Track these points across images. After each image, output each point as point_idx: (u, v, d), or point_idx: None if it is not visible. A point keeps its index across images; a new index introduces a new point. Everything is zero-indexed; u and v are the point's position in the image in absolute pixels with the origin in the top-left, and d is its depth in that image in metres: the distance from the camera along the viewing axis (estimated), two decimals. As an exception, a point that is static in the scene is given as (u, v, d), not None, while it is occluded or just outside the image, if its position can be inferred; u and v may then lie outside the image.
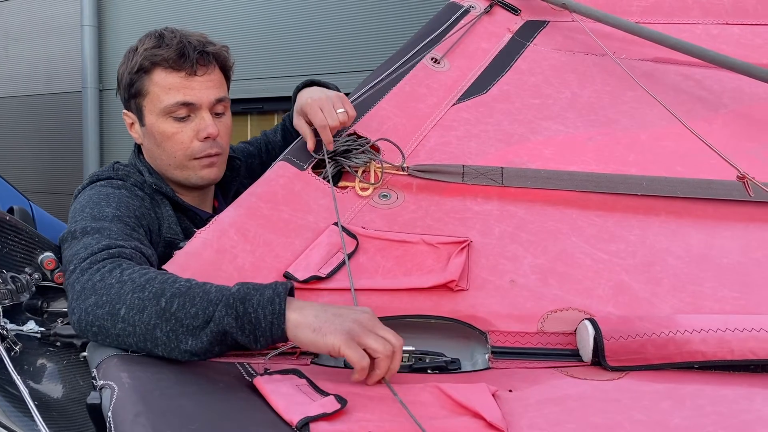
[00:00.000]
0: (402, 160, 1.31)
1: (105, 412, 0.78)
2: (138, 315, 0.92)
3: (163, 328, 0.91)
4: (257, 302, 0.91)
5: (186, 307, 0.91)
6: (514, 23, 1.75)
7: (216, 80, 1.34)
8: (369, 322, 0.91)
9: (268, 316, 0.90)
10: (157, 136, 1.32)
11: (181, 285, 0.94)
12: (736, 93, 1.57)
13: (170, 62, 1.28)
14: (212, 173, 1.37)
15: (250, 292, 0.92)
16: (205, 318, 0.90)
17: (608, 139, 1.44)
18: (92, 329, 0.95)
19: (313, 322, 0.90)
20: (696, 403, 0.87)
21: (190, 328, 0.90)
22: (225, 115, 1.38)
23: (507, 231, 1.23)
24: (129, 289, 0.94)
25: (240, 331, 0.90)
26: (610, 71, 1.63)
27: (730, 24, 1.76)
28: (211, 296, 0.92)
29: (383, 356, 0.88)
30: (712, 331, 0.97)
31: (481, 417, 0.79)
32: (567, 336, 1.07)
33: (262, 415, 0.81)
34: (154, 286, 0.94)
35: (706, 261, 1.19)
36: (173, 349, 0.91)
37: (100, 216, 1.13)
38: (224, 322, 0.90)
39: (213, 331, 0.90)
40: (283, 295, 0.92)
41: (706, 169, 1.36)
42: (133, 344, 0.93)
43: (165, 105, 1.29)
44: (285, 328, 0.90)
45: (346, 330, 0.89)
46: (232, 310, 0.90)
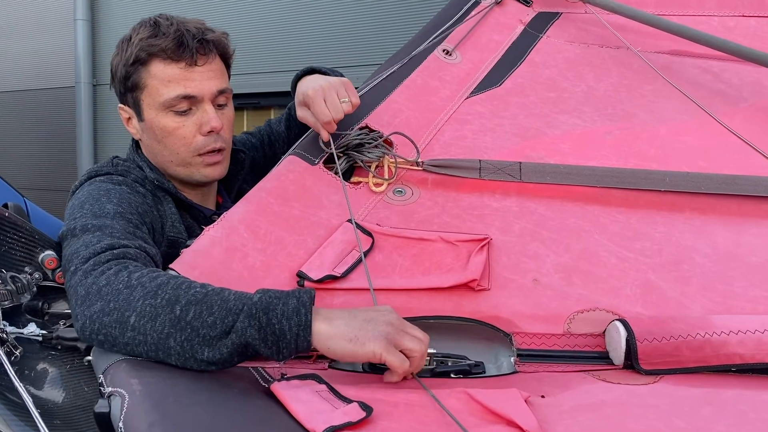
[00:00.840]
0: (416, 155, 1.27)
1: (115, 421, 0.73)
2: (150, 323, 0.86)
3: (177, 338, 0.85)
4: (281, 312, 0.85)
5: (203, 315, 0.85)
6: (525, 14, 1.71)
7: (217, 70, 1.26)
8: (398, 322, 0.89)
9: (294, 327, 0.85)
10: (158, 132, 1.25)
11: (196, 291, 0.88)
12: (756, 86, 1.53)
13: (168, 52, 1.20)
14: (216, 171, 1.30)
15: (273, 301, 0.86)
16: (224, 328, 0.85)
17: (627, 134, 1.40)
18: (98, 337, 0.88)
19: (347, 332, 0.86)
20: (738, 410, 0.83)
21: (207, 339, 0.85)
22: (227, 106, 1.31)
23: (527, 228, 1.18)
24: (140, 295, 0.88)
25: (263, 343, 0.85)
26: (627, 64, 1.59)
27: (747, 16, 1.72)
28: (230, 305, 0.86)
29: (419, 355, 0.87)
30: (750, 333, 0.93)
31: (516, 425, 0.75)
32: (595, 338, 1.02)
33: (282, 423, 0.76)
34: (167, 292, 0.88)
35: (734, 259, 1.15)
36: (188, 359, 0.85)
37: (100, 213, 1.06)
38: (247, 333, 0.84)
39: (234, 343, 0.84)
40: (308, 305, 0.87)
41: (729, 164, 1.32)
42: (144, 353, 0.87)
43: (165, 99, 1.21)
44: (311, 340, 0.86)
45: (383, 335, 0.86)
46: (255, 321, 0.85)
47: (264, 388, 0.86)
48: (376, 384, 0.91)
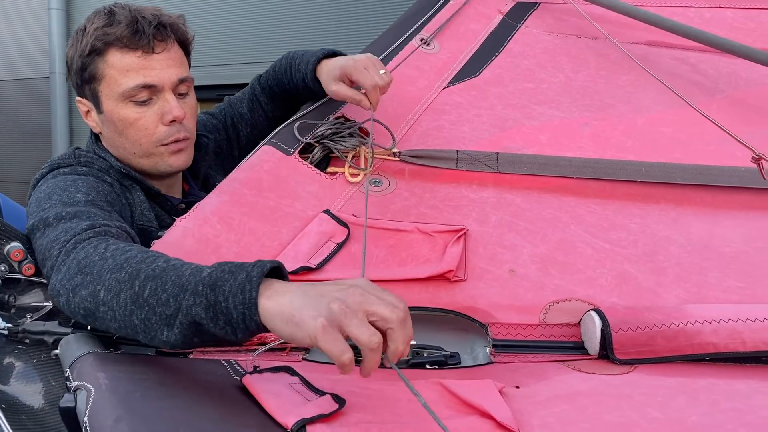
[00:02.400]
0: (393, 144, 1.25)
1: (80, 416, 0.71)
2: (115, 299, 0.82)
3: (138, 315, 0.80)
4: (228, 289, 0.75)
5: (158, 292, 0.79)
6: (504, 4, 1.70)
7: (177, 58, 1.22)
8: (357, 297, 0.72)
9: (239, 306, 0.74)
10: (118, 124, 1.20)
11: (156, 266, 0.82)
12: (732, 78, 1.54)
13: (124, 41, 1.15)
14: (181, 160, 1.26)
15: (223, 276, 0.77)
16: (176, 306, 0.78)
17: (604, 125, 1.40)
18: (80, 311, 0.87)
19: (287, 309, 0.72)
20: (711, 399, 0.83)
21: (163, 317, 0.79)
22: (189, 95, 1.26)
23: (504, 219, 1.18)
24: (108, 268, 0.85)
25: (212, 322, 0.76)
26: (604, 55, 1.59)
27: (723, 7, 1.73)
28: (183, 280, 0.79)
29: (367, 349, 0.69)
30: (723, 322, 0.93)
31: (490, 417, 0.74)
32: (571, 328, 1.02)
33: (253, 417, 0.75)
34: (131, 265, 0.83)
35: (708, 250, 1.15)
36: (153, 338, 0.81)
37: (71, 202, 1.03)
38: (193, 312, 0.76)
39: (183, 323, 0.77)
40: (255, 279, 0.74)
41: (705, 154, 1.33)
42: (116, 330, 0.85)
43: (124, 89, 1.17)
44: (258, 319, 0.74)
45: (325, 315, 0.70)
46: (201, 299, 0.76)
47: (236, 381, 0.84)
48: (351, 375, 0.90)
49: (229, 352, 0.95)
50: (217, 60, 4.59)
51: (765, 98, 1.50)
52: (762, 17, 1.65)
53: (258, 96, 1.51)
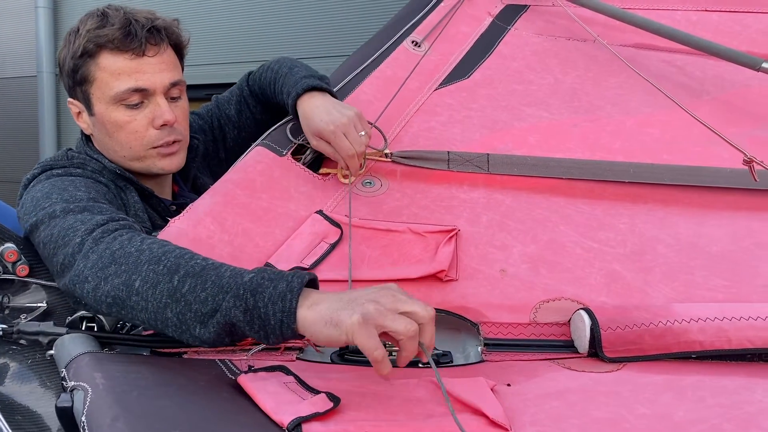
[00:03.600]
0: (385, 145, 1.27)
1: (77, 416, 0.71)
2: (151, 290, 0.85)
3: (173, 309, 0.83)
4: (269, 296, 0.80)
5: (197, 290, 0.83)
6: (494, 7, 1.72)
7: (169, 61, 1.22)
8: (389, 299, 0.78)
9: (278, 313, 0.79)
10: (109, 126, 1.20)
11: (196, 263, 0.86)
12: (718, 80, 1.56)
13: (116, 43, 1.15)
14: (173, 163, 1.26)
15: (263, 283, 0.81)
16: (213, 306, 0.82)
17: (593, 126, 1.42)
18: (107, 300, 0.88)
19: (326, 314, 0.77)
20: (697, 395, 0.85)
21: (198, 315, 0.82)
22: (181, 98, 1.26)
23: (495, 219, 1.19)
24: (146, 259, 0.87)
25: (248, 326, 0.81)
26: (593, 57, 1.60)
27: (709, 11, 1.75)
28: (223, 281, 0.82)
29: (406, 338, 0.76)
30: (709, 320, 0.95)
31: (482, 414, 0.75)
32: (561, 326, 1.04)
33: (249, 416, 0.76)
34: (170, 260, 0.86)
35: (695, 249, 1.17)
36: (183, 332, 0.84)
37: (74, 199, 1.04)
38: (231, 314, 0.81)
39: (220, 323, 0.81)
40: (297, 290, 0.80)
41: (692, 155, 1.35)
42: (145, 321, 0.87)
43: (115, 92, 1.16)
44: (295, 327, 0.79)
45: (361, 314, 0.75)
46: (242, 302, 0.80)
47: (231, 380, 0.85)
48: (345, 375, 0.91)
49: (223, 351, 0.96)
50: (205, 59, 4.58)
51: (749, 100, 1.52)
52: (747, 20, 1.68)
53: (246, 98, 1.49)
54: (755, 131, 1.44)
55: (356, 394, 0.81)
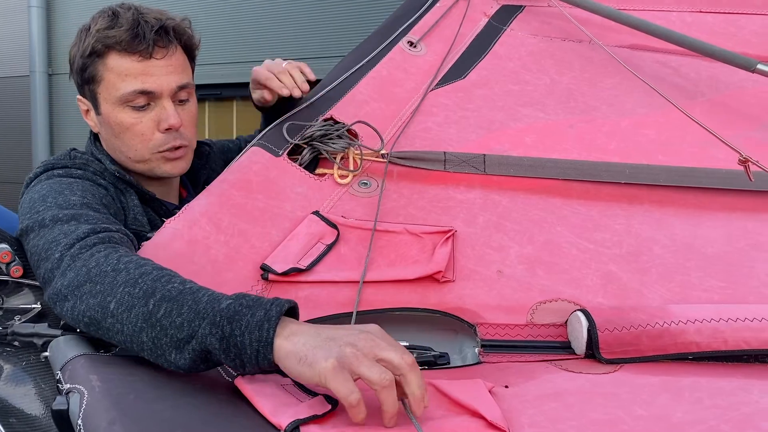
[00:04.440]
0: (381, 145, 1.26)
1: (74, 418, 0.71)
2: (126, 313, 0.82)
3: (148, 333, 0.80)
4: (245, 324, 0.76)
5: (172, 315, 0.79)
6: (490, 7, 1.71)
7: (177, 64, 1.21)
8: (368, 342, 0.74)
9: (254, 343, 0.76)
10: (115, 127, 1.20)
11: (173, 287, 0.83)
12: (713, 81, 1.56)
13: (123, 44, 1.15)
14: (178, 167, 1.26)
15: (241, 311, 0.78)
16: (189, 332, 0.78)
17: (589, 127, 1.42)
18: (84, 319, 0.86)
19: (301, 349, 0.74)
20: (694, 396, 0.85)
21: (174, 340, 0.79)
22: (189, 102, 1.26)
23: (491, 220, 1.19)
24: (122, 281, 0.84)
25: (224, 353, 0.77)
26: (588, 58, 1.61)
27: (704, 12, 1.76)
28: (200, 307, 0.79)
29: (380, 387, 0.71)
30: (706, 321, 0.96)
31: (480, 416, 0.75)
32: (558, 328, 1.04)
33: (246, 419, 0.76)
34: (146, 282, 0.83)
35: (691, 250, 1.17)
36: (158, 357, 0.81)
37: (66, 204, 1.03)
38: (207, 342, 0.77)
39: (195, 349, 0.78)
40: (274, 319, 0.76)
41: (687, 156, 1.35)
42: (122, 342, 0.84)
43: (121, 93, 1.17)
44: (272, 358, 0.76)
45: (336, 356, 0.72)
46: (218, 329, 0.77)
47: (228, 382, 0.85)
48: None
49: (220, 353, 0.95)
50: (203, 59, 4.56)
51: (744, 101, 1.53)
52: (742, 22, 1.68)
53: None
54: (750, 132, 1.45)
55: (354, 396, 0.81)
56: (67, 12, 5.43)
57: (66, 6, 5.42)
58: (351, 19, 4.56)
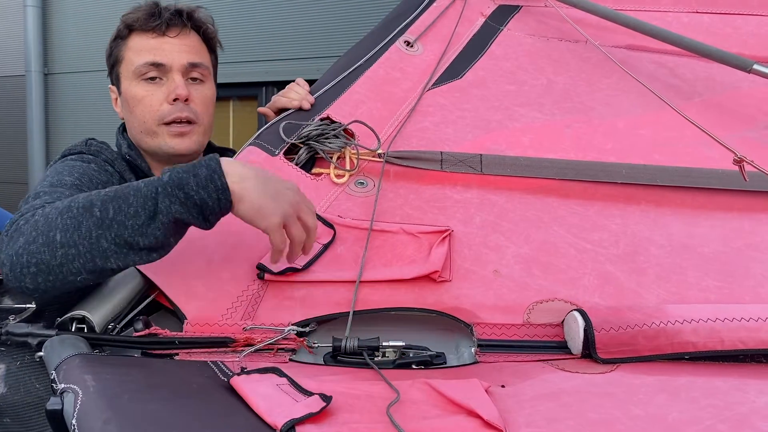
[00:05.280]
0: (377, 145, 1.26)
1: (68, 419, 0.71)
2: (76, 233, 0.86)
3: (108, 237, 0.85)
4: (195, 185, 0.86)
5: (123, 209, 0.86)
6: (486, 7, 1.71)
7: (191, 44, 1.30)
8: (298, 203, 0.93)
9: (213, 194, 0.87)
10: (130, 101, 1.28)
11: (106, 192, 0.89)
12: (709, 82, 1.57)
13: (140, 22, 1.25)
14: (183, 144, 1.30)
15: (183, 176, 0.87)
16: (147, 213, 0.85)
17: (586, 127, 1.42)
18: (30, 270, 0.87)
19: (256, 200, 0.89)
20: (690, 396, 0.85)
21: (135, 228, 0.85)
22: (204, 84, 1.33)
23: (488, 220, 1.19)
24: (56, 214, 0.88)
25: (189, 215, 0.87)
26: (585, 58, 1.61)
27: (700, 12, 1.76)
28: (143, 191, 0.87)
29: (296, 244, 0.94)
30: (702, 321, 0.96)
31: (477, 415, 0.75)
32: (554, 327, 1.04)
33: (242, 418, 0.75)
34: (79, 201, 0.88)
35: (687, 250, 1.17)
36: (127, 254, 0.87)
37: (57, 183, 1.08)
38: (172, 210, 0.86)
39: (164, 223, 0.86)
40: (219, 170, 0.87)
41: (683, 156, 1.35)
42: (81, 267, 0.87)
43: (135, 66, 1.25)
44: (231, 199, 0.88)
45: (282, 214, 0.91)
46: (175, 198, 0.86)
47: (223, 382, 0.84)
48: (338, 376, 0.91)
49: (215, 353, 0.95)
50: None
51: (740, 101, 1.53)
52: (738, 22, 1.68)
53: None
54: (746, 133, 1.45)
55: (350, 396, 0.81)
56: (63, 11, 5.41)
57: (62, 5, 5.41)
58: (348, 19, 4.56)
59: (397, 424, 0.72)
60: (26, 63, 5.38)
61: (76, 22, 5.37)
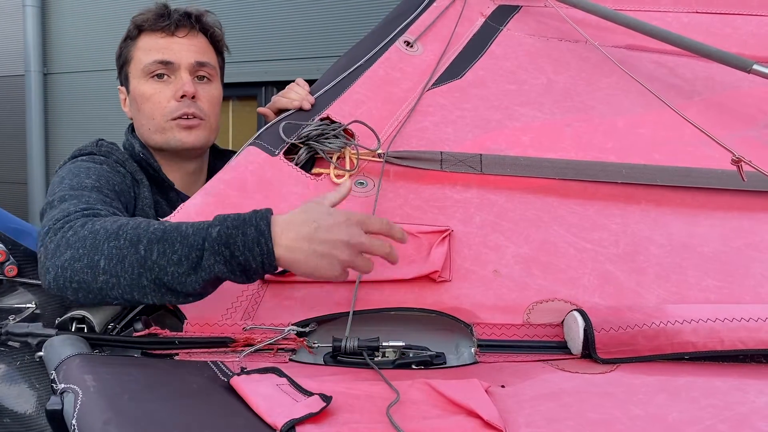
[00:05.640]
0: (377, 145, 1.26)
1: (68, 419, 0.71)
2: (119, 265, 0.88)
3: (148, 277, 0.88)
4: (242, 245, 0.87)
5: (167, 254, 0.87)
6: (486, 7, 1.71)
7: (199, 44, 1.33)
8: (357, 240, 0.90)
9: (258, 257, 0.87)
10: (138, 99, 1.30)
11: (155, 229, 0.90)
12: (708, 81, 1.57)
13: (150, 22, 1.28)
14: (192, 137, 1.32)
15: (232, 233, 0.87)
16: (190, 264, 0.87)
17: (586, 126, 1.42)
18: (72, 285, 0.90)
19: (305, 266, 0.89)
20: (690, 396, 0.85)
21: (176, 276, 0.87)
22: (211, 83, 1.36)
23: (488, 220, 1.19)
24: (103, 238, 0.90)
25: (231, 274, 0.88)
26: (585, 58, 1.61)
27: (700, 12, 1.76)
28: (190, 240, 0.88)
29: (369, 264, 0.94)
30: (702, 321, 0.96)
31: (477, 416, 0.75)
32: (554, 328, 1.04)
33: (242, 418, 0.75)
34: (128, 232, 0.89)
35: (687, 250, 1.17)
36: (164, 295, 0.89)
37: (78, 186, 1.09)
38: (215, 269, 0.87)
39: (205, 279, 0.88)
40: (267, 234, 0.87)
41: (683, 156, 1.35)
42: (119, 296, 0.89)
43: (144, 65, 1.28)
44: (276, 264, 0.89)
45: (339, 265, 0.90)
46: (220, 257, 0.87)
47: (223, 382, 0.84)
48: (338, 377, 0.91)
49: (215, 353, 0.95)
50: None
51: (739, 101, 1.53)
52: (738, 22, 1.69)
53: None
54: (745, 132, 1.45)
55: (350, 396, 0.81)
56: (62, 11, 5.41)
57: (61, 5, 5.41)
58: (348, 19, 4.56)
59: (396, 424, 0.72)
60: (25, 63, 5.38)
61: (75, 22, 5.37)
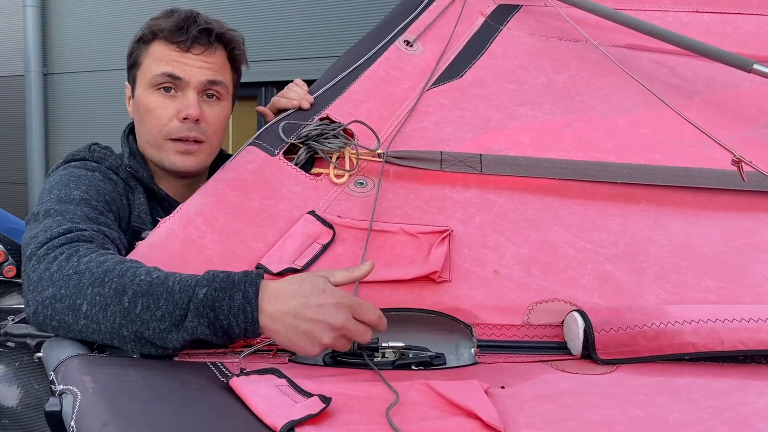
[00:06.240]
0: (377, 145, 1.26)
1: (67, 420, 0.70)
2: (101, 313, 0.87)
3: (129, 328, 0.87)
4: (228, 309, 0.87)
5: (151, 309, 0.87)
6: (486, 6, 1.71)
7: (215, 63, 1.25)
8: (343, 325, 0.88)
9: (241, 324, 0.87)
10: (141, 109, 1.25)
11: (141, 281, 0.89)
12: (709, 81, 1.56)
13: (166, 33, 1.22)
14: (187, 162, 1.26)
15: (218, 296, 0.87)
16: (172, 321, 0.87)
17: (586, 126, 1.42)
18: (52, 323, 0.89)
19: (285, 339, 0.88)
20: (690, 397, 0.85)
21: (157, 331, 0.87)
22: (220, 102, 1.29)
23: (488, 220, 1.19)
24: (88, 282, 0.89)
25: (213, 336, 0.88)
26: (585, 57, 1.60)
27: (701, 12, 1.76)
28: (175, 297, 0.87)
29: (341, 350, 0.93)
30: (702, 322, 0.95)
31: (476, 417, 0.75)
32: (554, 328, 1.03)
33: (241, 419, 0.75)
34: (113, 280, 0.88)
35: (687, 250, 1.17)
36: (143, 346, 0.88)
37: (66, 198, 1.07)
38: (198, 331, 0.87)
39: (186, 339, 0.87)
40: (254, 302, 0.87)
41: (683, 156, 1.35)
42: (99, 340, 0.89)
43: (152, 75, 1.22)
44: (259, 332, 0.89)
45: (318, 345, 0.89)
46: (204, 319, 0.87)
47: (223, 383, 0.84)
48: (337, 377, 0.90)
49: (214, 354, 0.95)
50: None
51: (740, 101, 1.53)
52: (738, 22, 1.68)
53: None
54: (746, 132, 1.45)
55: (349, 397, 0.81)
56: (62, 11, 5.41)
57: (61, 5, 5.41)
58: (348, 19, 4.56)
59: (395, 426, 0.72)
60: (25, 63, 5.38)
61: (75, 22, 5.37)
